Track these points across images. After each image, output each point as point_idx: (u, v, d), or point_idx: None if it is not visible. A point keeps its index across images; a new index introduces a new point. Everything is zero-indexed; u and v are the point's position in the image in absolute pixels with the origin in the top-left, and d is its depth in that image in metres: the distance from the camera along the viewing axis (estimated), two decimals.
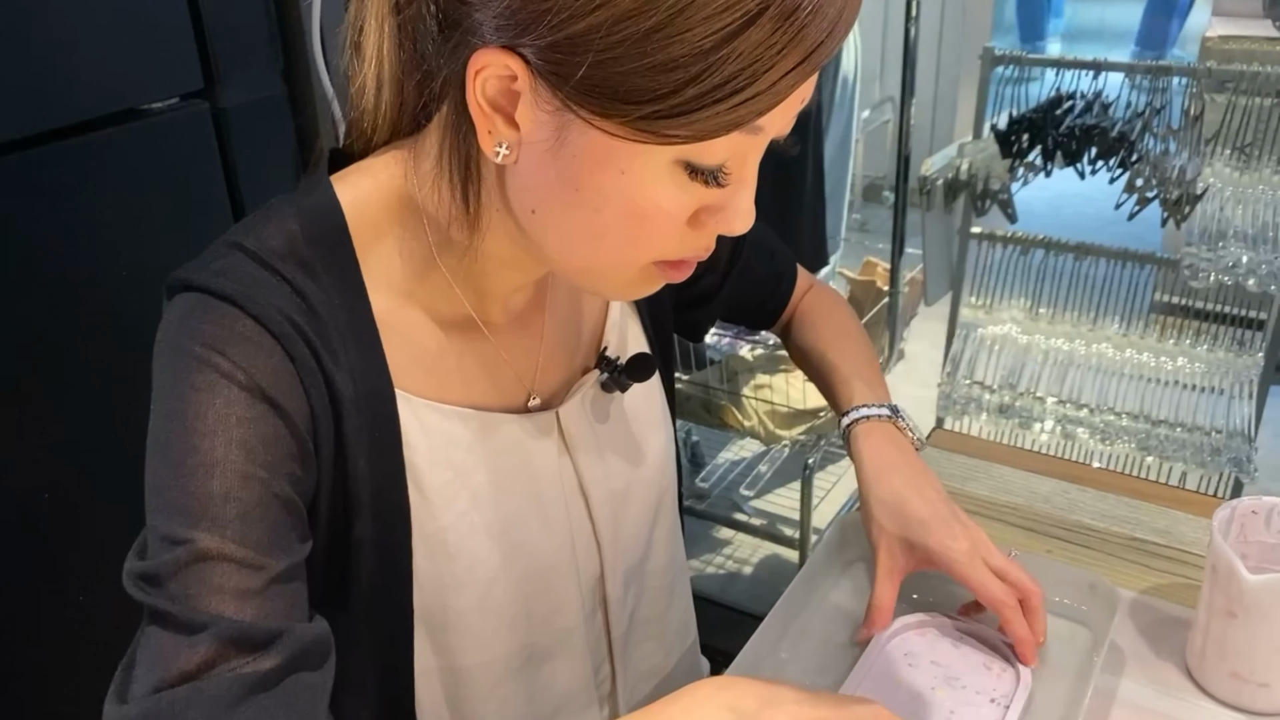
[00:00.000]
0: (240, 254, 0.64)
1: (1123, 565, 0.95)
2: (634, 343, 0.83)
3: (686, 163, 0.57)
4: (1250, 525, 0.83)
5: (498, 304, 0.73)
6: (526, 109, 0.57)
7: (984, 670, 0.81)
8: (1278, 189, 1.82)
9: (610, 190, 0.58)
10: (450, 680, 0.75)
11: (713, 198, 0.60)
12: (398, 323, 0.68)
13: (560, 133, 0.57)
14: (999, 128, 1.95)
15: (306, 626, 0.59)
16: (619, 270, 0.64)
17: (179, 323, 0.62)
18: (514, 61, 0.55)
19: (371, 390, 0.66)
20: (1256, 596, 0.75)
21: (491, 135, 0.59)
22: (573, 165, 0.58)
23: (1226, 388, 1.94)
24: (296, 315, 0.63)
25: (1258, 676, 0.78)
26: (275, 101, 1.36)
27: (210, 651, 0.55)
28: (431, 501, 0.69)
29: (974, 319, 2.14)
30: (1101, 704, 0.80)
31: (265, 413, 0.60)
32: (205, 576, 0.56)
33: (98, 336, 1.20)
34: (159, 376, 0.62)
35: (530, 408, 0.75)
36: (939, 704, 0.78)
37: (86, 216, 1.18)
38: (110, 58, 1.17)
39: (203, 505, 0.58)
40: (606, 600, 0.81)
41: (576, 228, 0.61)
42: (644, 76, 0.52)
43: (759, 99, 0.54)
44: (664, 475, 0.85)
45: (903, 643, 0.84)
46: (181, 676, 0.54)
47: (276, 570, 0.58)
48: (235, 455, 0.59)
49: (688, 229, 0.61)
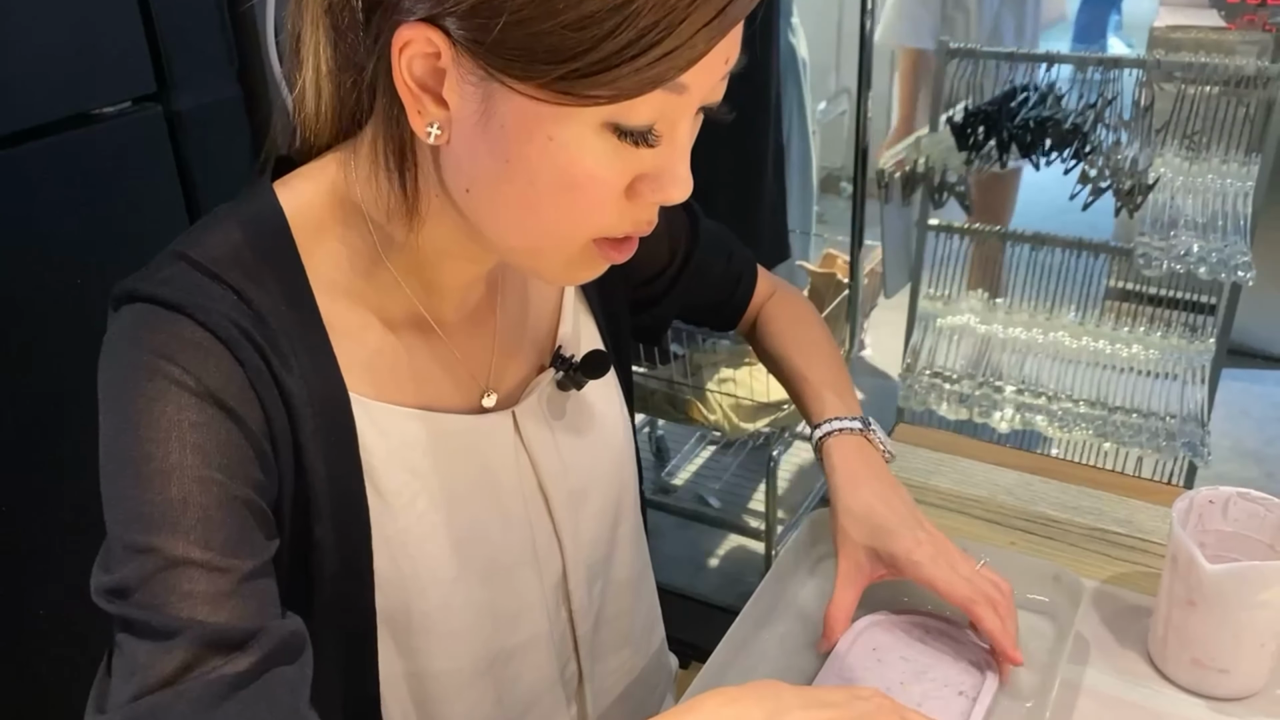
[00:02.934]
0: (184, 264, 0.63)
1: (1085, 555, 0.97)
2: (588, 340, 0.84)
3: (614, 125, 0.57)
4: (1208, 515, 0.84)
5: (449, 301, 0.73)
6: (453, 84, 0.58)
7: (952, 663, 0.82)
8: (1226, 178, 1.85)
9: (540, 159, 0.58)
10: (417, 683, 0.75)
11: (646, 164, 0.60)
12: (347, 325, 0.68)
13: (486, 104, 0.57)
14: (955, 121, 1.97)
15: (280, 623, 0.59)
16: (559, 248, 0.63)
17: (127, 333, 0.62)
18: (435, 35, 0.56)
19: (325, 395, 0.66)
20: (1216, 586, 0.77)
21: (422, 116, 0.59)
22: (501, 137, 0.58)
23: (1180, 373, 1.97)
24: (244, 322, 0.62)
25: (1218, 663, 0.80)
26: (230, 104, 1.34)
27: (187, 655, 0.55)
28: (390, 504, 0.69)
29: (933, 310, 2.16)
30: (1068, 694, 0.82)
31: (218, 417, 0.60)
32: (173, 583, 0.56)
33: (51, 345, 1.18)
34: (107, 388, 0.61)
35: (486, 407, 0.75)
36: (907, 697, 0.79)
37: (38, 224, 1.16)
38: (59, 61, 1.15)
39: (162, 512, 0.57)
40: (570, 598, 0.82)
41: (510, 202, 0.61)
42: (558, 35, 0.53)
43: (675, 54, 0.54)
44: (624, 472, 0.86)
45: (871, 638, 0.85)
46: (161, 682, 0.54)
47: (244, 570, 0.58)
48: (191, 460, 0.58)
49: (625, 201, 0.61)
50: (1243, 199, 1.81)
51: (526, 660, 0.79)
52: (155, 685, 0.54)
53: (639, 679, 0.93)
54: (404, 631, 0.72)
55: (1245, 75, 1.81)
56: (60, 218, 1.18)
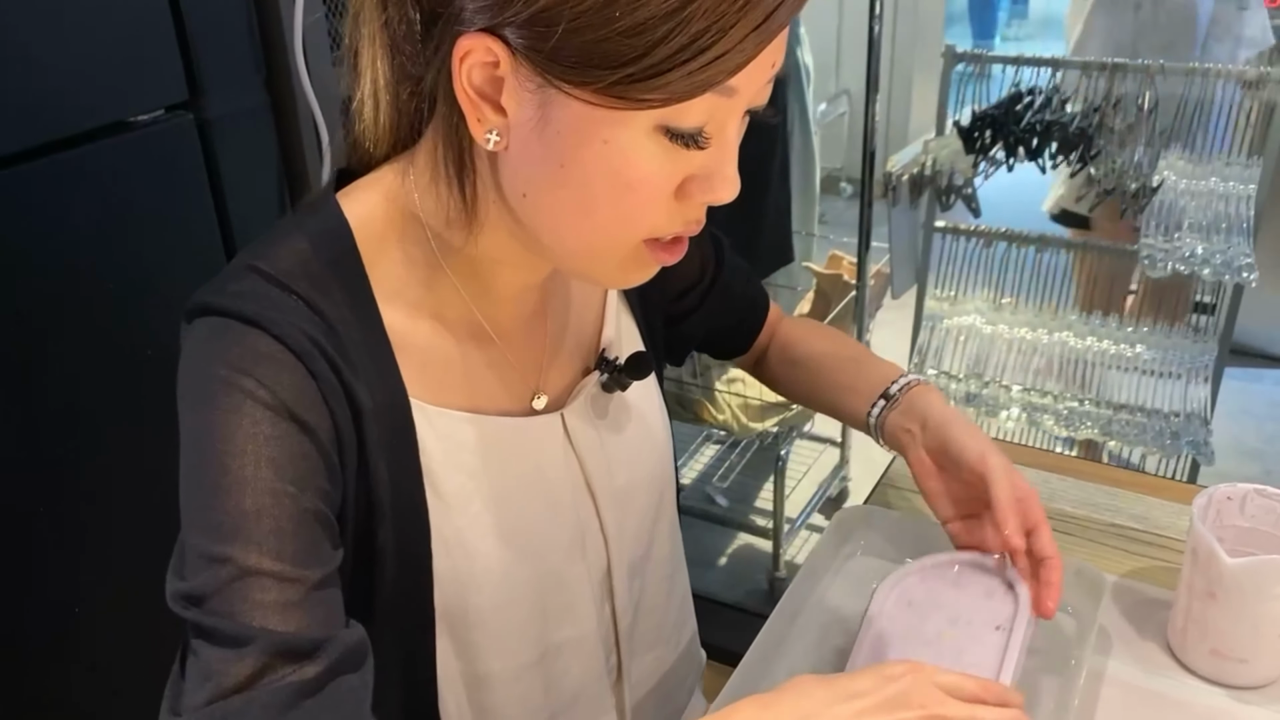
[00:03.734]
0: (256, 276, 0.65)
1: (1103, 550, 1.00)
2: (630, 342, 0.86)
3: (666, 127, 0.59)
4: (1226, 510, 0.87)
5: (504, 309, 0.75)
6: (511, 91, 0.60)
7: (985, 600, 0.83)
8: (1229, 181, 1.89)
9: (595, 162, 0.60)
10: (472, 678, 0.77)
11: (696, 164, 0.62)
12: (408, 333, 0.70)
13: (543, 110, 0.59)
14: (962, 124, 2.00)
15: (346, 632, 0.61)
16: (612, 250, 0.65)
17: (202, 346, 0.64)
18: (495, 44, 0.58)
19: (388, 401, 0.68)
20: (1235, 579, 0.80)
21: (481, 123, 0.61)
22: (557, 142, 0.60)
23: (1183, 373, 2.01)
24: (315, 332, 0.64)
25: (1237, 653, 0.83)
26: (258, 112, 1.36)
27: (258, 663, 0.57)
28: (448, 505, 0.71)
29: (939, 310, 2.19)
30: (1092, 684, 0.84)
31: (291, 430, 0.62)
32: (246, 592, 0.58)
33: (88, 349, 1.21)
34: (186, 400, 0.64)
35: (536, 410, 0.78)
36: (947, 646, 0.80)
37: (76, 229, 1.18)
38: (97, 71, 1.17)
39: (236, 523, 0.59)
40: (613, 593, 0.84)
41: (566, 205, 0.63)
42: (614, 41, 0.55)
43: (726, 58, 0.56)
44: (664, 469, 0.88)
45: (904, 593, 0.86)
46: (234, 688, 0.56)
47: (313, 580, 0.61)
48: (265, 473, 0.61)
49: (675, 202, 0.63)
50: (1245, 201, 1.85)
51: (574, 654, 0.82)
52: (228, 690, 0.56)
53: (671, 671, 0.95)
54: (461, 628, 0.74)
55: (1247, 79, 1.84)
56: (99, 223, 1.20)
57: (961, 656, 0.79)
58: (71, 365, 1.19)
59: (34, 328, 1.15)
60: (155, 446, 0.65)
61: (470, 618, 0.74)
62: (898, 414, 0.91)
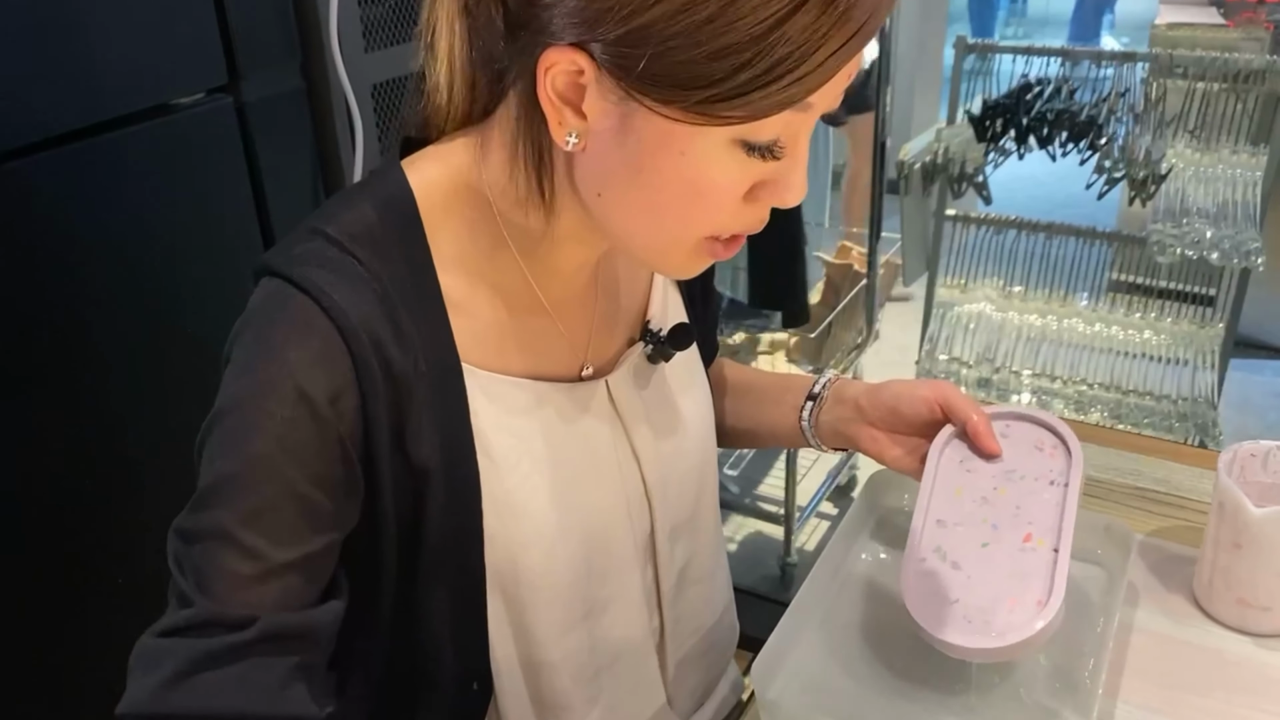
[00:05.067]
0: (322, 240, 0.69)
1: (1128, 511, 1.03)
2: (675, 314, 0.89)
3: (743, 141, 0.61)
4: (1249, 467, 0.91)
5: (559, 281, 0.78)
6: (593, 100, 0.62)
7: (1036, 453, 0.84)
8: (1236, 168, 1.93)
9: (670, 171, 0.62)
10: (522, 634, 0.79)
11: (767, 172, 0.64)
12: (464, 300, 0.73)
13: (624, 120, 0.62)
14: (973, 113, 2.03)
15: (284, 616, 0.65)
16: (678, 246, 0.68)
17: (261, 307, 0.68)
18: (581, 58, 0.60)
19: (440, 363, 0.71)
20: (1261, 528, 0.83)
21: (562, 126, 0.64)
22: (636, 150, 0.62)
23: (1190, 358, 2.05)
24: (366, 303, 0.67)
25: (1261, 601, 0.86)
26: (294, 96, 1.39)
27: (193, 619, 0.63)
28: (498, 465, 0.74)
29: (950, 298, 2.23)
30: (1122, 634, 0.88)
31: (304, 416, 0.65)
32: (214, 553, 0.64)
33: (127, 328, 1.23)
34: (235, 349, 0.68)
35: (584, 377, 0.80)
36: (1004, 502, 0.81)
37: (119, 210, 1.21)
38: (140, 55, 1.20)
39: (233, 487, 0.64)
40: (656, 555, 0.87)
41: (639, 207, 0.66)
42: (701, 64, 0.58)
43: (808, 78, 0.58)
44: (707, 438, 0.91)
45: (954, 452, 0.86)
46: (166, 631, 0.64)
47: (278, 561, 0.65)
48: (270, 449, 0.64)
49: (742, 204, 0.66)
50: (1253, 188, 1.89)
51: (617, 611, 0.84)
52: (163, 632, 0.63)
53: (709, 638, 0.98)
54: (511, 584, 0.77)
55: (1252, 69, 1.88)
56: (143, 203, 1.23)
57: (1020, 513, 0.80)
58: (109, 344, 1.22)
59: (75, 307, 1.18)
60: (193, 424, 0.68)
61: (520, 576, 0.76)
62: (829, 408, 0.93)
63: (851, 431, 0.91)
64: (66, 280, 1.16)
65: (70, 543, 1.21)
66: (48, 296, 1.14)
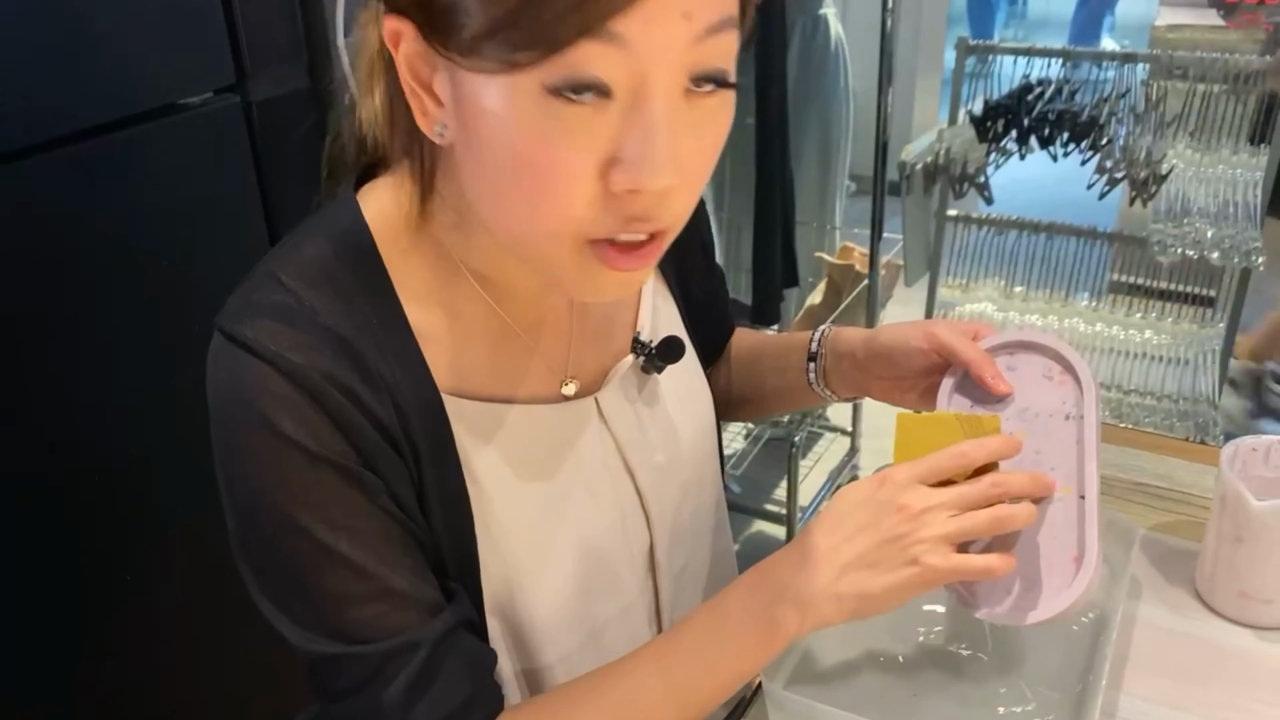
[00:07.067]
0: (278, 287, 0.66)
1: (1130, 506, 1.04)
2: (668, 325, 0.87)
3: (554, 87, 0.54)
4: (1251, 461, 0.92)
5: (523, 303, 0.75)
6: (433, 76, 0.59)
7: (1046, 383, 0.79)
8: (1236, 168, 1.94)
9: (494, 136, 0.57)
10: (524, 654, 0.78)
11: (613, 143, 0.57)
12: (433, 330, 0.71)
13: (455, 90, 0.59)
14: (975, 114, 2.04)
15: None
16: (551, 245, 0.61)
17: (226, 383, 0.65)
18: (405, 25, 0.58)
19: (419, 400, 0.69)
20: (1263, 521, 0.84)
21: (426, 116, 0.61)
22: (466, 120, 0.59)
23: (1191, 358, 2.06)
24: (328, 357, 0.64)
25: (1263, 594, 0.87)
26: (300, 96, 1.40)
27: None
28: (486, 491, 0.73)
29: (951, 298, 2.24)
30: (1125, 626, 0.89)
31: (333, 476, 0.65)
32: (367, 628, 0.67)
33: (134, 325, 1.24)
34: (225, 454, 0.66)
35: (566, 396, 0.78)
36: (1024, 449, 0.73)
37: (128, 209, 1.22)
38: (150, 55, 1.21)
39: (338, 612, 0.66)
40: (655, 568, 0.85)
41: (485, 188, 0.62)
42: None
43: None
44: (707, 446, 0.90)
45: (964, 395, 0.81)
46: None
47: (397, 586, 0.68)
48: (316, 521, 0.65)
49: (602, 193, 0.58)
50: (1253, 188, 1.90)
51: (621, 629, 0.83)
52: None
53: None
54: (509, 608, 0.75)
55: (1252, 70, 1.89)
56: (151, 202, 1.24)
57: (1040, 458, 0.75)
58: (117, 342, 1.23)
59: (83, 305, 1.19)
60: (197, 425, 0.68)
61: (516, 599, 0.75)
62: (832, 364, 0.92)
63: (859, 382, 0.90)
64: (74, 278, 1.17)
65: (75, 542, 1.22)
66: (56, 294, 1.15)
